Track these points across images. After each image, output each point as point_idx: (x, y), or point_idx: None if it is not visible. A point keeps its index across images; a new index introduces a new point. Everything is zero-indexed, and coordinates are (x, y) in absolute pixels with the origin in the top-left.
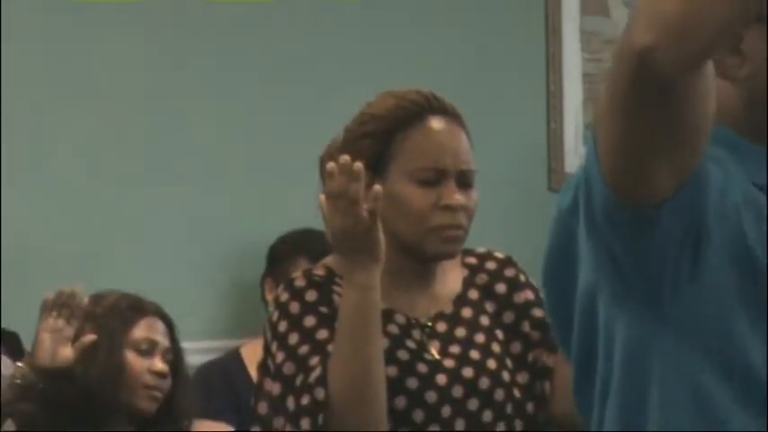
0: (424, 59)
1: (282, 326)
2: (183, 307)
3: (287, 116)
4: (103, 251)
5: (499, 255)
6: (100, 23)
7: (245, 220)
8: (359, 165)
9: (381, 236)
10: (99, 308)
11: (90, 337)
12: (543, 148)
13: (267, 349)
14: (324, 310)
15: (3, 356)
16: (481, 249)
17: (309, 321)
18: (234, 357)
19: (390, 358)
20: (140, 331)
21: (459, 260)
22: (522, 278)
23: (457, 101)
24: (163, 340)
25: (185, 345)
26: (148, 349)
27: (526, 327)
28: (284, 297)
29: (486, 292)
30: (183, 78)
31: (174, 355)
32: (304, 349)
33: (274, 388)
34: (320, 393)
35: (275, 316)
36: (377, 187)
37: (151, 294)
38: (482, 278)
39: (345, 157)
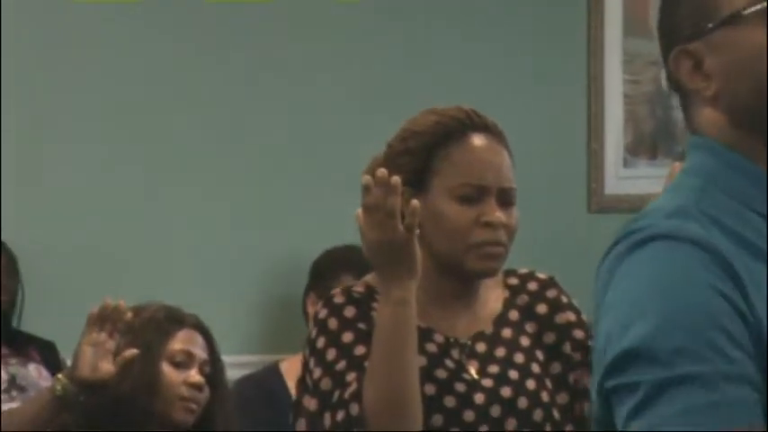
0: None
1: (321, 342)
2: (222, 321)
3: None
4: (144, 263)
5: (542, 275)
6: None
7: (287, 235)
8: (396, 178)
9: (418, 251)
10: (138, 319)
11: (131, 352)
12: (584, 170)
13: (306, 365)
14: (362, 326)
15: (41, 366)
16: (524, 270)
17: (347, 337)
18: (273, 372)
19: (428, 377)
20: (177, 343)
21: (500, 280)
22: (564, 299)
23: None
24: (200, 353)
25: (223, 359)
26: (185, 361)
27: (567, 348)
28: (323, 313)
29: (527, 312)
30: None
31: (213, 368)
32: (341, 365)
33: (311, 404)
34: (355, 409)
35: (314, 332)
36: (414, 201)
37: (190, 307)
38: (523, 299)
39: (382, 170)
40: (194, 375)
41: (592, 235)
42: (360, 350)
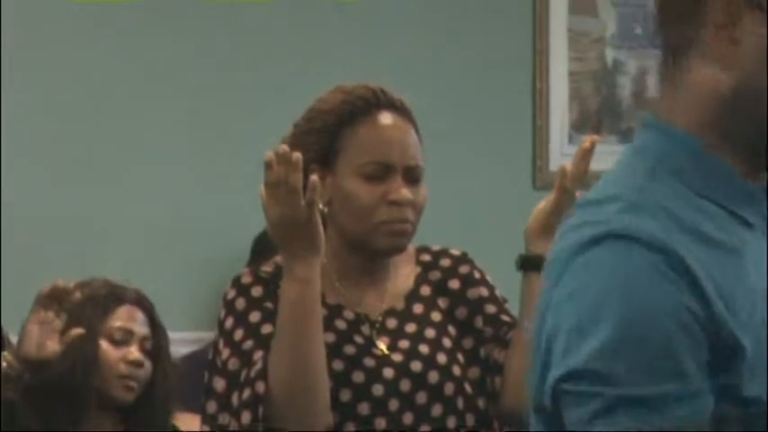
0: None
1: (228, 322)
2: (173, 297)
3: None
4: (94, 238)
5: (455, 252)
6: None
7: (240, 212)
8: (297, 154)
9: (321, 228)
10: (79, 296)
11: (76, 331)
12: (529, 147)
13: (215, 346)
14: (269, 305)
15: None
16: (436, 247)
17: (254, 317)
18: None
19: (337, 353)
20: (116, 320)
21: (413, 257)
22: (477, 275)
23: (445, 100)
24: (140, 329)
25: (174, 335)
26: (124, 338)
27: (479, 322)
28: (231, 294)
29: (440, 288)
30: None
31: (155, 343)
32: (248, 344)
33: (219, 384)
34: (260, 387)
35: (222, 313)
36: (313, 177)
37: (141, 283)
38: (435, 275)
39: (283, 147)
40: (133, 352)
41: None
42: (266, 329)
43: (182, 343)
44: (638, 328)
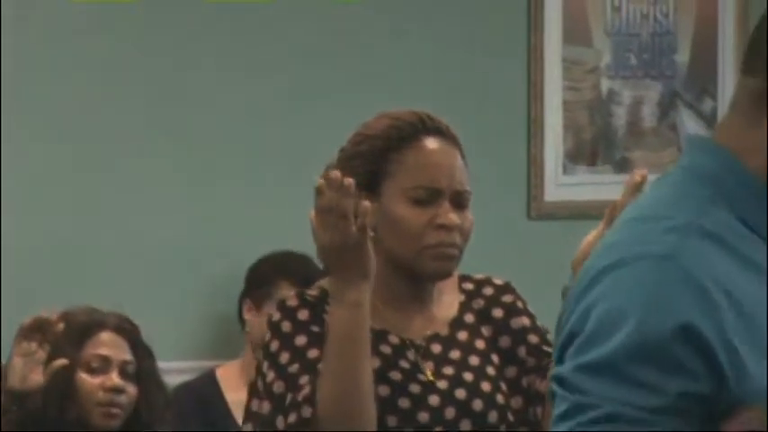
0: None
1: (274, 345)
2: (161, 327)
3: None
4: (84, 267)
5: (498, 281)
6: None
7: (226, 242)
8: (349, 180)
9: (372, 253)
10: (62, 327)
11: (60, 362)
12: (523, 176)
13: (259, 369)
14: (315, 329)
15: None
16: (479, 275)
17: (300, 340)
18: (209, 379)
19: (382, 378)
20: (93, 348)
21: (456, 285)
22: (520, 304)
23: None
24: (119, 354)
25: (165, 365)
26: (101, 366)
27: (522, 352)
28: (276, 317)
29: (483, 316)
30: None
31: (138, 367)
32: (294, 368)
33: (263, 407)
34: (307, 412)
35: (267, 336)
36: (365, 202)
37: (131, 313)
38: (479, 303)
39: (335, 172)
40: (111, 379)
41: (531, 241)
42: (313, 353)
43: (176, 372)
44: (644, 344)
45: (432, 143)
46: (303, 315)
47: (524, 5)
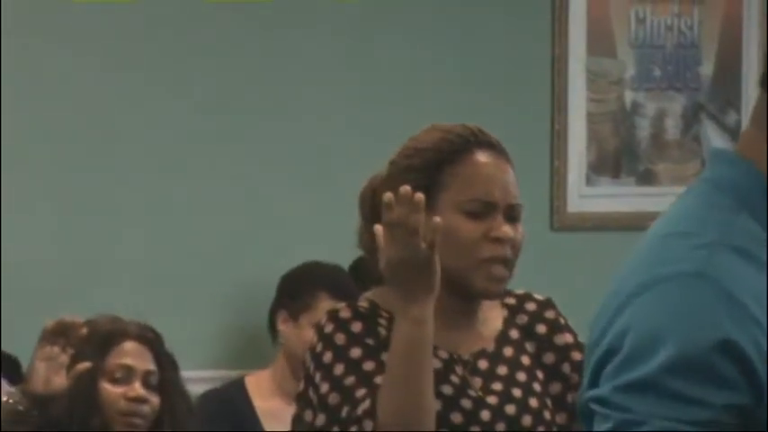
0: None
1: (327, 356)
2: (187, 336)
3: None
4: (109, 276)
5: (539, 296)
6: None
7: (254, 251)
8: (420, 195)
9: (438, 269)
10: (85, 332)
11: (83, 365)
12: (546, 188)
13: (309, 380)
14: (369, 341)
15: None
16: (520, 290)
17: (355, 353)
18: (237, 387)
19: (434, 393)
20: (117, 358)
21: (498, 300)
22: (562, 321)
23: None
24: (143, 364)
25: (189, 373)
26: (124, 376)
27: (566, 369)
28: (329, 328)
29: (527, 332)
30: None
31: (162, 377)
32: (350, 380)
33: (318, 419)
34: (368, 426)
35: (319, 347)
36: (436, 219)
37: (155, 322)
38: (522, 318)
39: (406, 188)
40: (135, 389)
41: (554, 253)
42: (369, 365)
43: (200, 382)
44: (688, 359)
45: (484, 156)
46: (357, 327)
47: (548, 17)
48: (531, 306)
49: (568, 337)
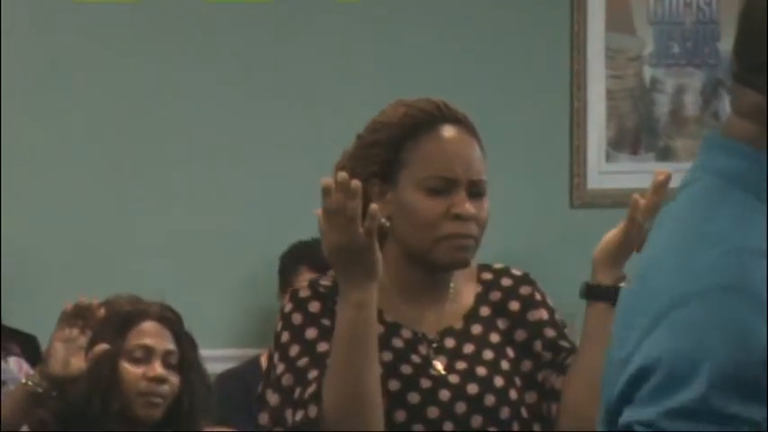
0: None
1: (285, 336)
2: (206, 314)
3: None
4: (126, 257)
5: (516, 271)
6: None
7: (273, 229)
8: (356, 182)
9: (378, 254)
10: (104, 313)
11: (101, 347)
12: (566, 165)
13: (271, 359)
14: (326, 322)
15: (22, 360)
16: (499, 265)
17: (311, 333)
18: (253, 366)
19: (393, 372)
20: (136, 338)
21: (474, 275)
22: (538, 296)
23: (481, 118)
24: (162, 344)
25: (207, 352)
26: (144, 356)
27: (538, 346)
28: (288, 307)
29: (500, 308)
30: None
31: (182, 357)
32: (303, 362)
33: (273, 399)
34: (313, 411)
35: (279, 326)
36: (373, 206)
37: (173, 301)
38: (496, 295)
39: (343, 174)
40: (154, 368)
41: (574, 230)
42: (323, 347)
43: (220, 360)
44: (738, 383)
45: (448, 132)
46: (314, 307)
47: None
48: (506, 282)
49: (543, 314)
